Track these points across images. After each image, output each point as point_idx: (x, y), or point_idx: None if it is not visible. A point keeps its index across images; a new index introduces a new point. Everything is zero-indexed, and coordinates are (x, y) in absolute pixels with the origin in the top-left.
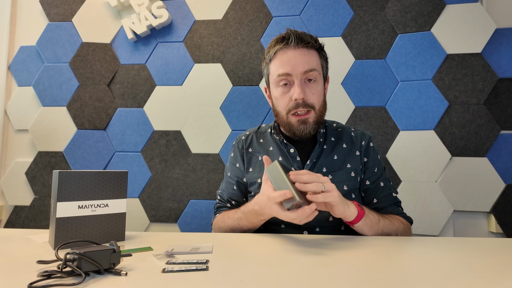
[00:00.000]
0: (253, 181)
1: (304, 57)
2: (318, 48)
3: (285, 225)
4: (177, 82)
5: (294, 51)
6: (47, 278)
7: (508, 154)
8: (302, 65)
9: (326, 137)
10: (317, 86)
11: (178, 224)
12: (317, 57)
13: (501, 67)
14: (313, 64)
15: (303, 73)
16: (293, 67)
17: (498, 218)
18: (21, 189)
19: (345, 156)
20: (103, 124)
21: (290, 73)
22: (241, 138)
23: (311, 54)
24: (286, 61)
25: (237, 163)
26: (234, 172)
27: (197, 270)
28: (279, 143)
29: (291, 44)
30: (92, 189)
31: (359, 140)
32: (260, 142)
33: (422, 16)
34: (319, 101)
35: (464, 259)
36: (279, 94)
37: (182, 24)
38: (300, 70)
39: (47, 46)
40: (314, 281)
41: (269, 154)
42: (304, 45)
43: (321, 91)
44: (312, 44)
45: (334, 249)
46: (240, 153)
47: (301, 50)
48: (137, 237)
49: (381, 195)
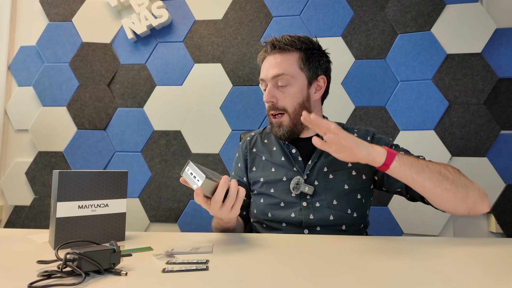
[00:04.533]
0: (256, 180)
1: (275, 63)
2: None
3: (286, 224)
4: (177, 82)
5: (269, 57)
6: (47, 278)
7: (508, 154)
8: (271, 70)
9: None
10: (290, 89)
11: (178, 224)
12: (294, 60)
13: (501, 67)
14: (283, 69)
15: (271, 79)
16: (265, 72)
17: (498, 218)
18: (21, 189)
19: None
20: (103, 124)
21: (263, 78)
22: (246, 139)
23: (285, 58)
24: (263, 67)
25: (239, 163)
26: (237, 172)
27: (197, 270)
28: (281, 144)
29: (268, 50)
30: (92, 189)
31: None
32: (264, 142)
33: (422, 16)
34: (293, 103)
35: (464, 259)
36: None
37: (182, 24)
38: (269, 75)
39: (47, 46)
40: (314, 281)
41: (272, 154)
42: (277, 50)
43: (296, 93)
44: (286, 48)
45: (334, 249)
46: (243, 154)
47: (275, 56)
48: (137, 237)
49: None
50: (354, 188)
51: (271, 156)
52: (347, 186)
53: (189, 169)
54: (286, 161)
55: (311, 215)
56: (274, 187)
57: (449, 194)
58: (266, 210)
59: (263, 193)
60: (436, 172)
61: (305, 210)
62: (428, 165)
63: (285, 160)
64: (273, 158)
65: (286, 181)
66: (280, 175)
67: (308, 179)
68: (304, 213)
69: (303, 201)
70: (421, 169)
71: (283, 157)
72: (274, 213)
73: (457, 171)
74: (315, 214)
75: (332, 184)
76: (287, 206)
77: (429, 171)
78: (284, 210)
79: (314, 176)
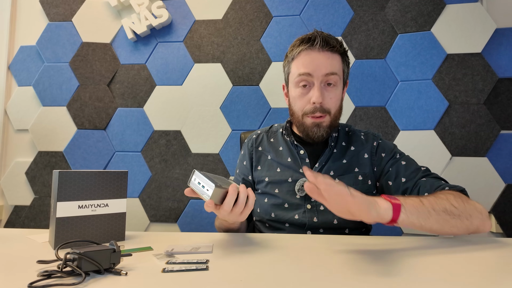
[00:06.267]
0: (260, 179)
1: (327, 60)
2: (342, 52)
3: (289, 224)
4: (177, 82)
5: (318, 53)
6: (47, 278)
7: (508, 154)
8: (324, 67)
9: (338, 141)
10: (336, 90)
11: (178, 224)
12: (339, 61)
13: (501, 67)
14: (335, 68)
15: (324, 76)
16: (315, 68)
17: (498, 218)
18: (21, 189)
19: (353, 159)
20: (103, 124)
21: (311, 73)
22: (252, 137)
23: (334, 58)
24: (309, 61)
25: (245, 161)
26: (242, 170)
27: (197, 270)
28: (289, 144)
29: (317, 46)
30: (92, 189)
31: (370, 142)
32: (270, 141)
33: (422, 16)
34: (336, 106)
35: (464, 259)
36: (297, 95)
37: (182, 24)
38: (322, 72)
39: (47, 46)
40: (314, 281)
41: (278, 154)
42: (329, 48)
43: (339, 95)
44: (337, 48)
45: (335, 249)
46: (249, 152)
47: (325, 53)
48: (137, 237)
49: (407, 172)
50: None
51: (277, 156)
52: None
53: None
54: (292, 162)
55: (315, 218)
56: (279, 187)
57: (455, 229)
58: (269, 210)
59: (268, 193)
60: (442, 213)
61: (309, 212)
62: (434, 206)
63: (291, 161)
64: (279, 158)
65: (291, 182)
66: (286, 176)
67: None
68: (308, 215)
69: (308, 203)
70: (427, 214)
71: (290, 158)
72: (277, 214)
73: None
74: (319, 217)
75: None
76: (291, 208)
77: (436, 214)
78: (288, 211)
79: None
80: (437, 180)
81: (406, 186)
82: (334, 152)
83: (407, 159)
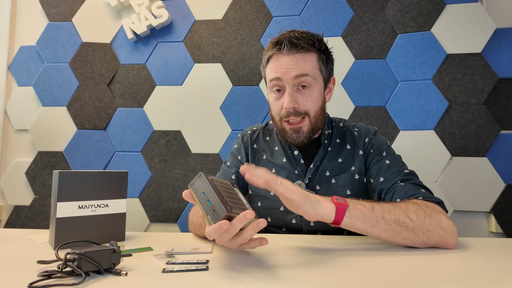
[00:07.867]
0: None
1: (297, 63)
2: (319, 49)
3: (286, 229)
4: (177, 82)
5: (287, 57)
6: (47, 278)
7: (508, 154)
8: (294, 70)
9: (332, 139)
10: (312, 92)
11: (178, 224)
12: (314, 60)
13: (501, 67)
14: (306, 69)
15: (294, 78)
16: (284, 72)
17: (498, 218)
18: (21, 189)
19: (349, 158)
20: (103, 124)
21: (281, 78)
22: (247, 132)
23: (306, 58)
24: (278, 66)
25: (239, 156)
26: (235, 163)
27: (197, 270)
28: (283, 144)
29: (284, 49)
30: (92, 189)
31: (363, 138)
32: (266, 140)
33: (422, 16)
34: (315, 107)
35: (464, 259)
36: (272, 100)
37: (182, 24)
38: (291, 75)
39: (47, 46)
40: (314, 281)
41: (274, 154)
42: (298, 50)
43: (317, 96)
44: (307, 48)
45: (334, 249)
46: (244, 147)
47: (294, 55)
48: (137, 237)
49: (388, 172)
50: (356, 193)
51: (273, 157)
52: (349, 191)
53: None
54: (287, 163)
55: (312, 222)
56: None
57: (408, 242)
58: (265, 214)
59: (262, 196)
60: (393, 223)
61: None
62: (385, 215)
63: (286, 162)
64: (274, 159)
65: None
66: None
67: (310, 183)
68: (305, 220)
69: None
70: (375, 222)
71: (285, 159)
72: (274, 218)
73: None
74: (316, 222)
75: (334, 189)
76: (287, 211)
77: (385, 223)
78: (284, 215)
79: (316, 180)
80: (414, 187)
81: (382, 187)
82: (328, 150)
83: (393, 159)
